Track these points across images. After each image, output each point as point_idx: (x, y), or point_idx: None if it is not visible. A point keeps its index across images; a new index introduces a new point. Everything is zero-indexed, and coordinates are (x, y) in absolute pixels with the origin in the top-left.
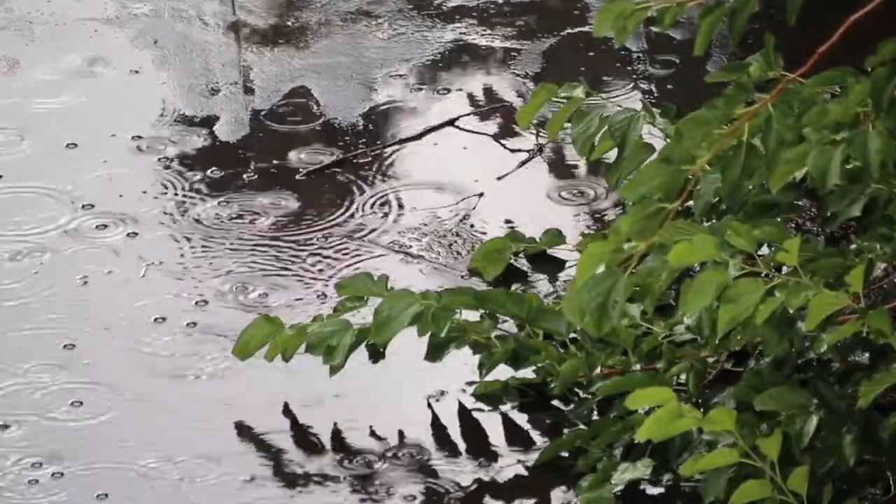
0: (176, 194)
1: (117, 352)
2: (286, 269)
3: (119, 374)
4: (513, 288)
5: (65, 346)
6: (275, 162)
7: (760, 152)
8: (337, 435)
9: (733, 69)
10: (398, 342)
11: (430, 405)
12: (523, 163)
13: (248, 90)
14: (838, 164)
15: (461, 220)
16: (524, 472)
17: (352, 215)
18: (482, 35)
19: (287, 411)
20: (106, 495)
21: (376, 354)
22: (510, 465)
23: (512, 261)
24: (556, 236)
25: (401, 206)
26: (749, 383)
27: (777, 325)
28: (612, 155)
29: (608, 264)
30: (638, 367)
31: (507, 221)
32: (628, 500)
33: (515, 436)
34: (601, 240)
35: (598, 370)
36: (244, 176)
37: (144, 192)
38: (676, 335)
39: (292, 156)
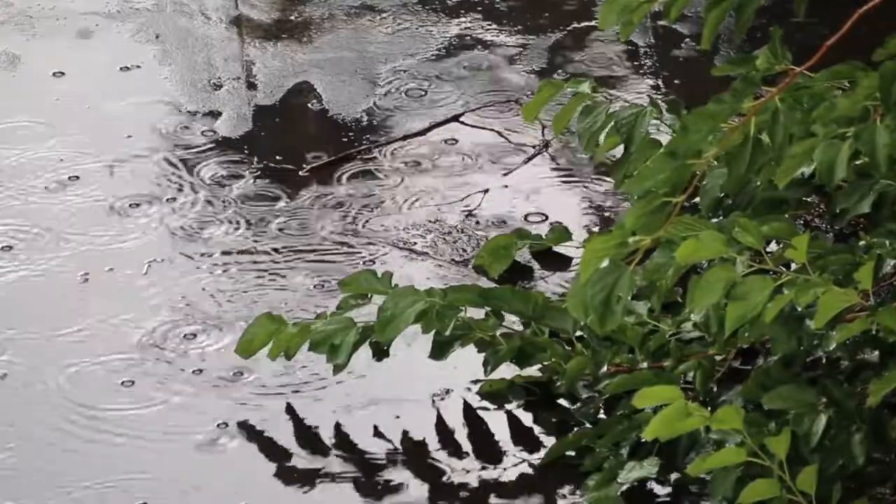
0: (177, 191)
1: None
2: (287, 262)
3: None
4: (518, 285)
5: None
6: (278, 158)
7: (767, 147)
8: (340, 434)
9: (740, 62)
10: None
11: (434, 404)
12: (529, 159)
13: (251, 85)
14: (845, 158)
15: (466, 217)
16: (530, 471)
17: (354, 212)
18: (487, 30)
19: (289, 410)
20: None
21: (380, 352)
22: (516, 464)
23: (517, 258)
24: (562, 233)
25: (404, 203)
26: (757, 382)
27: (785, 323)
28: (619, 151)
29: (612, 259)
30: (645, 365)
31: (513, 218)
32: (635, 499)
33: (521, 434)
34: (606, 234)
35: (604, 368)
36: (246, 172)
37: (145, 189)
38: (684, 333)
39: (295, 152)
